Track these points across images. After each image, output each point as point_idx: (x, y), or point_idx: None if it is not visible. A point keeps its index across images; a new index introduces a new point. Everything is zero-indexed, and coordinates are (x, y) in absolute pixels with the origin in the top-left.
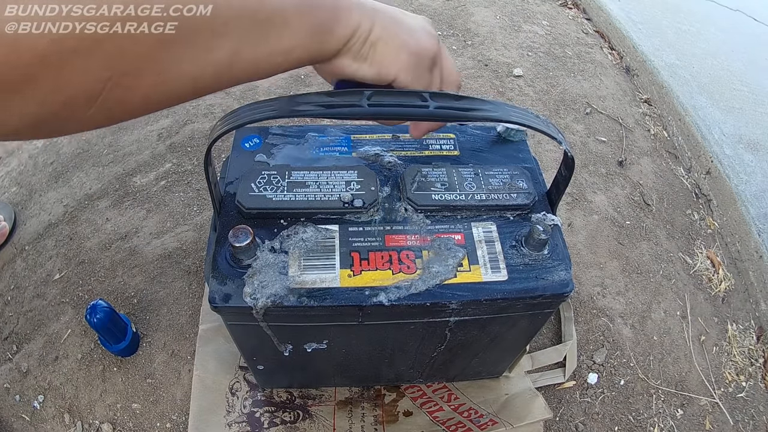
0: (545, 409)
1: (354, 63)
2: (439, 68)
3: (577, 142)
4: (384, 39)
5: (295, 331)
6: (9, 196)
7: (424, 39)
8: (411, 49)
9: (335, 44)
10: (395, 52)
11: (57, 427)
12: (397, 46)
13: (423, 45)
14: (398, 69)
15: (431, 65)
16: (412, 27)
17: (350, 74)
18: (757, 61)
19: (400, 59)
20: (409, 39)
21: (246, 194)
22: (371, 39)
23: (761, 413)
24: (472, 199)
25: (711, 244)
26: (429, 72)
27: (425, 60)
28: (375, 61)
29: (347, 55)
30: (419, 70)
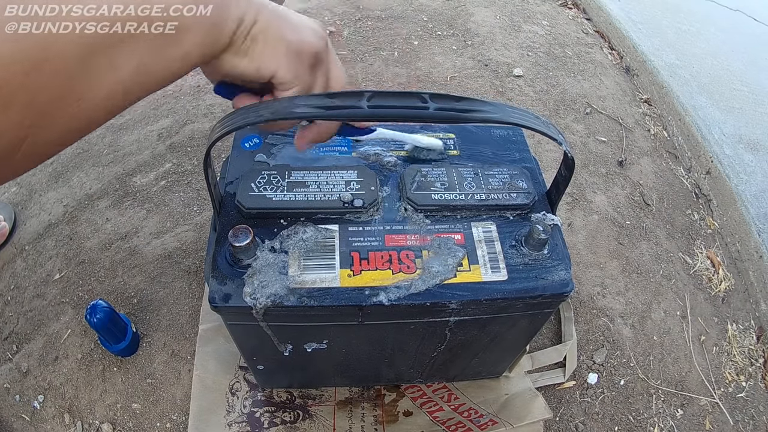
0: (545, 409)
1: (234, 58)
2: (325, 68)
3: (577, 142)
4: (265, 33)
5: (295, 331)
6: (9, 196)
7: (307, 36)
8: (292, 44)
9: (224, 39)
10: (275, 47)
11: (57, 427)
12: (277, 40)
13: (306, 41)
14: (277, 64)
15: (314, 63)
16: (297, 23)
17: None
18: (757, 61)
19: (279, 54)
20: (292, 35)
21: (246, 194)
22: (252, 33)
23: (761, 413)
24: (472, 198)
25: (711, 244)
26: (311, 70)
27: (307, 57)
28: (255, 56)
29: (229, 50)
30: (300, 67)
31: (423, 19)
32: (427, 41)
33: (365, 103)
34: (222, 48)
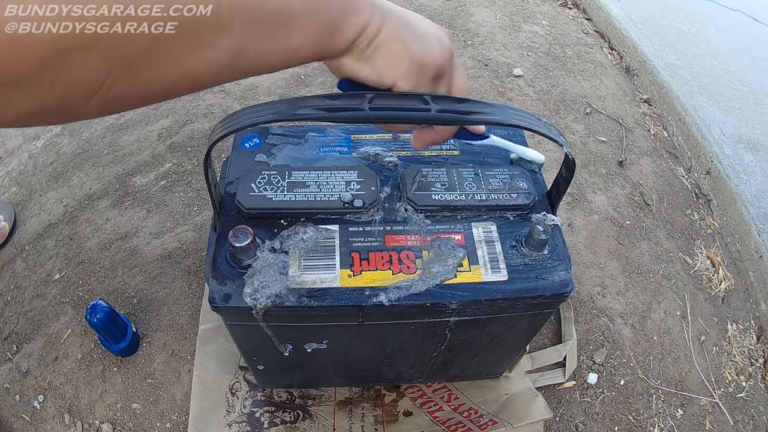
0: (545, 409)
1: (356, 63)
2: (447, 81)
3: (577, 142)
4: (389, 42)
5: (295, 331)
6: (9, 196)
7: (432, 48)
8: (415, 56)
9: (342, 43)
10: (397, 57)
11: (57, 427)
12: (400, 51)
13: (430, 54)
14: (398, 75)
15: (436, 76)
16: (424, 34)
17: (351, 74)
18: (757, 61)
19: (401, 65)
20: (417, 46)
21: (246, 194)
22: (377, 41)
23: (761, 413)
24: (472, 199)
25: (711, 244)
26: (432, 83)
27: (429, 70)
28: (376, 64)
29: (351, 54)
30: (421, 79)
31: None
32: None
33: (367, 105)
34: (340, 51)
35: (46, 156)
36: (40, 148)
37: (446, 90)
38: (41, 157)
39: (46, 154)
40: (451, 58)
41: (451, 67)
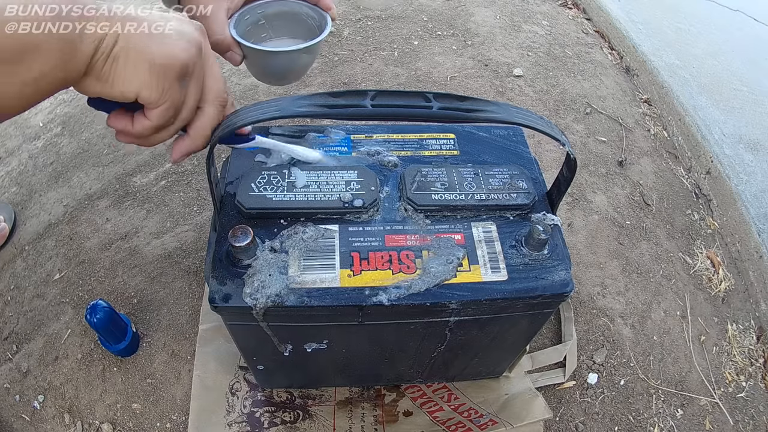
0: (545, 409)
1: (97, 84)
2: (198, 79)
3: (577, 142)
4: (126, 52)
5: (295, 331)
6: (9, 196)
7: (174, 48)
8: (156, 61)
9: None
10: (136, 66)
11: (57, 427)
12: (137, 59)
13: (172, 55)
14: (139, 85)
15: (181, 76)
16: (165, 34)
17: (96, 95)
18: (757, 61)
19: (141, 74)
20: (157, 49)
21: (246, 194)
22: (114, 52)
23: (761, 413)
24: (472, 199)
25: (711, 244)
26: (178, 85)
27: (173, 72)
28: (116, 79)
29: (91, 74)
30: (165, 83)
31: (423, 19)
32: (427, 41)
33: (369, 102)
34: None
35: (46, 156)
36: (40, 148)
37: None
38: (41, 157)
39: (46, 154)
40: (198, 55)
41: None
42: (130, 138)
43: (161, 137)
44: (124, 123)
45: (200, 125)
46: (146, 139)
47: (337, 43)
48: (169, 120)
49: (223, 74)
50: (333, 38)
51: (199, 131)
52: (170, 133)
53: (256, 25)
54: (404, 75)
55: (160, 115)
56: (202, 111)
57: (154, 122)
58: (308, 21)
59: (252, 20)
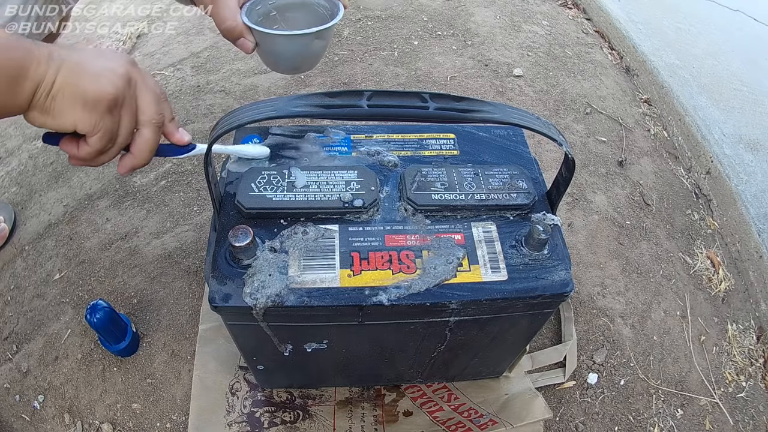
0: (545, 409)
1: (41, 116)
2: (129, 108)
3: (577, 142)
4: (62, 91)
5: (295, 331)
6: (9, 196)
7: (104, 84)
8: (88, 96)
9: (24, 97)
10: (70, 104)
11: (57, 427)
12: (73, 97)
13: (100, 90)
14: (73, 121)
15: (112, 107)
16: (97, 72)
17: (41, 126)
18: (757, 61)
19: (76, 110)
20: (89, 85)
21: (246, 194)
22: (52, 92)
23: (761, 413)
24: (472, 199)
25: (711, 244)
26: (111, 115)
27: (101, 106)
28: (56, 113)
29: (35, 108)
30: (97, 115)
31: (423, 19)
32: (427, 41)
33: (365, 103)
34: (24, 105)
35: (46, 156)
36: (40, 148)
37: (130, 115)
38: (41, 157)
39: (46, 154)
40: (127, 85)
41: (132, 91)
42: (79, 161)
43: (105, 158)
44: (72, 148)
45: (138, 146)
46: (92, 160)
47: (337, 43)
48: (107, 145)
49: (162, 94)
50: (333, 38)
51: (139, 151)
52: (112, 154)
53: (267, 17)
54: (404, 75)
55: (97, 142)
56: (139, 132)
57: (94, 148)
58: (319, 10)
59: (263, 11)
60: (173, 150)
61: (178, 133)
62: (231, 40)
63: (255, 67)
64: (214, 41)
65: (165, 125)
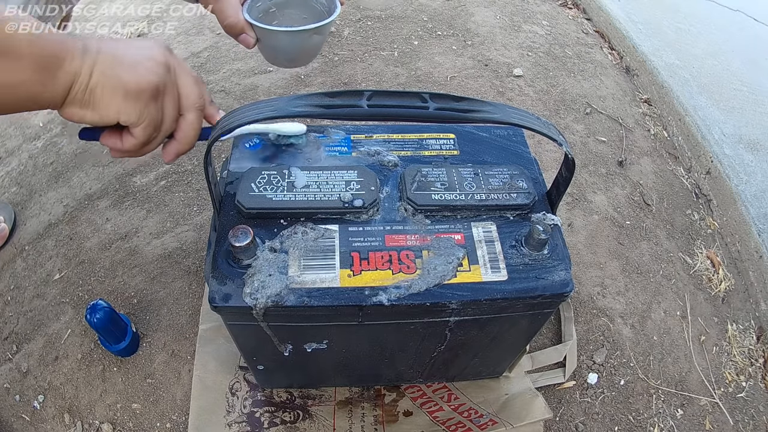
0: (545, 409)
1: (80, 110)
2: (172, 93)
3: (577, 142)
4: (102, 84)
5: (295, 331)
6: (9, 196)
7: (143, 73)
8: (128, 88)
9: (59, 90)
10: (111, 96)
11: (57, 427)
12: (112, 89)
13: (141, 79)
14: (116, 112)
15: (155, 96)
16: (135, 62)
17: (80, 120)
18: (757, 61)
19: (117, 101)
20: (129, 76)
21: (246, 194)
22: (91, 85)
23: (761, 413)
24: (472, 199)
25: (711, 244)
26: (155, 103)
27: (146, 94)
28: (97, 106)
29: (73, 103)
30: (141, 105)
31: (423, 19)
32: (427, 41)
33: (365, 102)
34: (58, 98)
35: (46, 156)
36: (40, 148)
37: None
38: (41, 157)
39: (46, 154)
40: (167, 72)
41: (173, 77)
42: (122, 153)
43: (150, 148)
44: (115, 141)
45: (184, 131)
46: (137, 152)
47: (337, 43)
48: (153, 134)
49: (198, 77)
50: (333, 38)
51: (184, 136)
52: (157, 143)
53: (267, 13)
54: (404, 75)
55: (143, 133)
56: (183, 118)
57: (140, 139)
58: (317, 7)
59: (263, 8)
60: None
61: (218, 115)
62: (233, 35)
63: (255, 67)
64: (213, 41)
65: (206, 107)
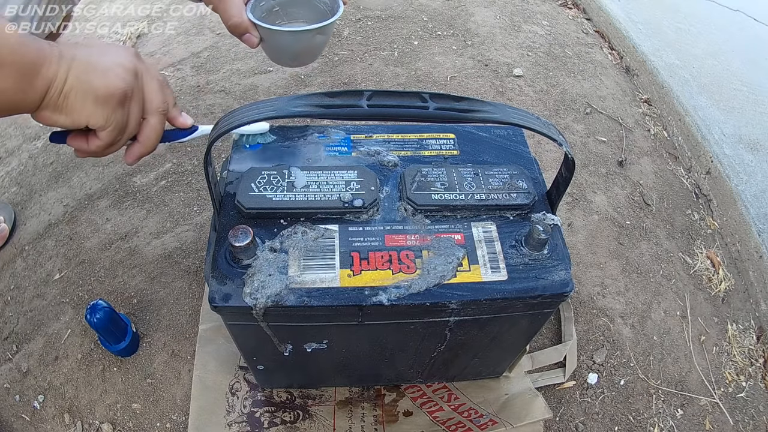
0: (545, 409)
1: (53, 114)
2: (137, 100)
3: (577, 142)
4: (75, 89)
5: (295, 331)
6: (9, 196)
7: (112, 80)
8: (98, 94)
9: (36, 95)
10: (84, 100)
11: (57, 427)
12: (84, 94)
13: (110, 85)
14: (86, 116)
15: (122, 101)
16: (106, 68)
17: (53, 124)
18: (757, 61)
19: (88, 106)
20: (99, 82)
21: (246, 194)
22: (65, 90)
23: (761, 413)
24: (472, 198)
25: (711, 244)
26: (121, 109)
27: (113, 100)
28: (68, 111)
29: (47, 108)
30: (107, 111)
31: (423, 19)
32: (427, 41)
33: (365, 102)
34: (35, 103)
35: (46, 156)
36: (40, 148)
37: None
38: (41, 157)
39: (46, 154)
40: (135, 78)
41: (140, 83)
42: (87, 154)
43: (113, 149)
44: (81, 143)
45: (146, 134)
46: (101, 153)
47: (337, 43)
48: (117, 137)
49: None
50: (333, 38)
51: (146, 138)
52: (120, 145)
53: (270, 12)
54: (404, 75)
55: (108, 135)
56: (146, 122)
57: (105, 141)
58: (320, 6)
59: (266, 7)
60: (177, 134)
61: (181, 117)
62: (237, 35)
63: (255, 67)
64: (213, 41)
65: (169, 111)
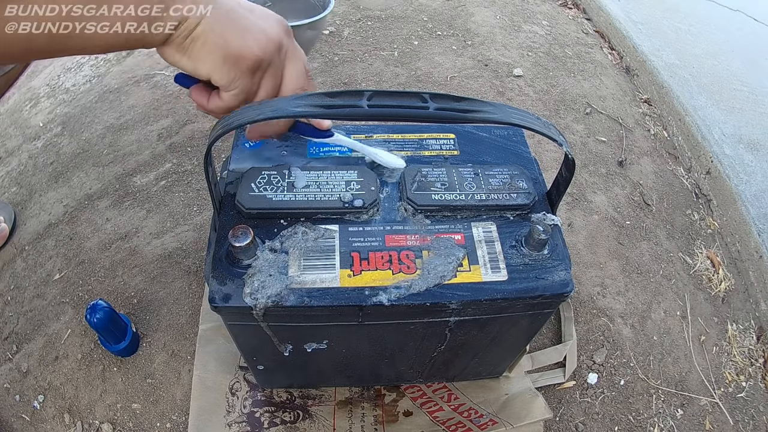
0: (545, 409)
1: (176, 54)
2: (273, 73)
3: (577, 142)
4: (205, 36)
5: (295, 331)
6: (9, 196)
7: (251, 42)
8: (230, 50)
9: (162, 32)
10: (212, 51)
11: (57, 427)
12: (214, 45)
13: (246, 48)
14: (210, 69)
15: (254, 69)
16: (247, 29)
17: (173, 63)
18: (757, 61)
19: (215, 59)
20: (234, 40)
21: (246, 194)
22: (194, 34)
23: (761, 413)
24: (472, 199)
25: (711, 244)
26: (252, 76)
27: (246, 64)
28: (192, 56)
29: (171, 45)
30: (237, 73)
31: (423, 19)
32: (427, 41)
33: (365, 103)
34: (160, 39)
35: (46, 156)
36: (40, 148)
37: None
38: (41, 157)
39: (46, 154)
40: (277, 51)
41: (281, 59)
42: (206, 110)
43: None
44: (202, 98)
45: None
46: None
47: (337, 43)
48: (240, 104)
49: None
50: (333, 38)
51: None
52: None
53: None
54: (404, 75)
55: (231, 99)
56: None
57: (226, 104)
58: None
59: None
60: (311, 132)
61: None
62: None
63: None
64: None
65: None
